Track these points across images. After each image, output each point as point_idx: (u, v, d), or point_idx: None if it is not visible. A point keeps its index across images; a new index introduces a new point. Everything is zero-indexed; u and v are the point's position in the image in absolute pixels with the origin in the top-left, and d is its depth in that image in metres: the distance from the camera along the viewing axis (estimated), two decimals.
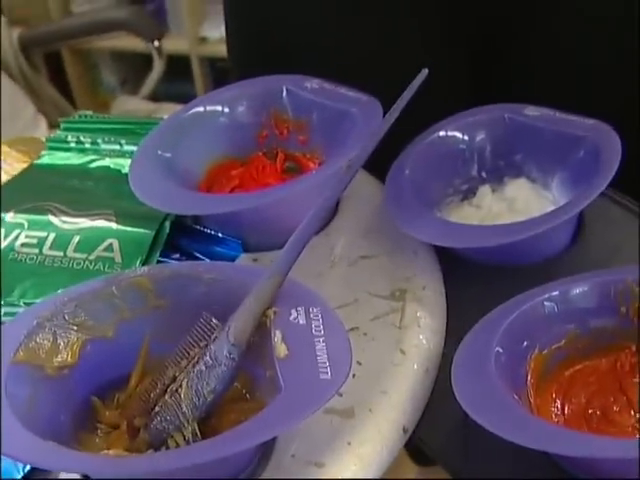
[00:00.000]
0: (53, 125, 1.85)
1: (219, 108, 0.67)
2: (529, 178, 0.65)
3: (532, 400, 0.49)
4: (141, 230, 0.60)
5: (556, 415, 0.50)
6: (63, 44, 2.26)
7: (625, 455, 0.42)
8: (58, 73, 2.38)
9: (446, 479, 0.51)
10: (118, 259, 0.59)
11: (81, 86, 2.48)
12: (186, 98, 0.70)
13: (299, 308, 0.48)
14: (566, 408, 0.50)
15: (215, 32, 2.15)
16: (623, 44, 0.72)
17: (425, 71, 0.57)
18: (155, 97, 2.06)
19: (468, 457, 0.50)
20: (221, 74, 2.18)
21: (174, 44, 2.14)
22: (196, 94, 2.16)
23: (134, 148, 0.67)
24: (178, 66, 2.13)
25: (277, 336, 0.46)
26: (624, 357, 0.52)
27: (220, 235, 0.62)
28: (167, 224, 0.61)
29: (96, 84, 2.52)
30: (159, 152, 0.63)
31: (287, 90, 0.68)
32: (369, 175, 0.69)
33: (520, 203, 0.65)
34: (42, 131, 1.87)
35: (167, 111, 0.74)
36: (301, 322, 0.47)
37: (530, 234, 0.56)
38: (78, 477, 0.47)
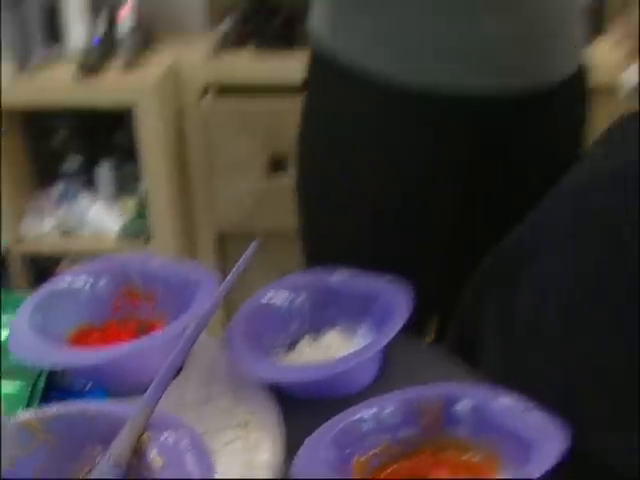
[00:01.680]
0: None
1: (84, 279, 0.79)
2: (341, 328, 0.81)
3: None
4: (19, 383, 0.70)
5: None
6: None
7: None
8: None
9: None
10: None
11: None
12: None
13: (169, 431, 0.59)
14: None
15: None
16: None
17: (255, 243, 0.71)
18: None
19: None
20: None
21: None
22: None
23: None
24: None
25: (153, 453, 0.57)
26: (425, 459, 0.66)
27: (87, 387, 0.72)
28: (42, 378, 0.70)
29: None
30: (34, 317, 0.73)
31: (137, 267, 0.80)
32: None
33: (334, 350, 0.79)
34: None
35: None
36: (171, 441, 0.58)
37: (338, 370, 0.72)
38: None
